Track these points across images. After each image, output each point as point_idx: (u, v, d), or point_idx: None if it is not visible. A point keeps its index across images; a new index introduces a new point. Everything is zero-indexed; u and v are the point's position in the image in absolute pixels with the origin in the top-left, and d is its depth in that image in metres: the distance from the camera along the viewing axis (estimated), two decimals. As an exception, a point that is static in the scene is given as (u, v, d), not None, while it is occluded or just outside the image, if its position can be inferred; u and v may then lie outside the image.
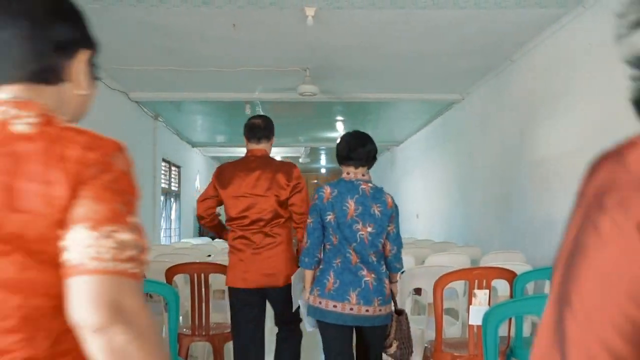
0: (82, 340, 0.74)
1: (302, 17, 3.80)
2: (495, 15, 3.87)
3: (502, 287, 2.86)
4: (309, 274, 2.45)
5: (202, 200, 2.86)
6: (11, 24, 0.81)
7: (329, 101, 6.51)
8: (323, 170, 16.64)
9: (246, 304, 2.71)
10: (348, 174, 2.46)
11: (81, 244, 0.74)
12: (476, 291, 2.61)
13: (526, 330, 2.79)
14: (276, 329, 2.92)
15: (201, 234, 10.29)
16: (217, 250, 5.40)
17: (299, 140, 10.40)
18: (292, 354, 2.83)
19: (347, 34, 4.31)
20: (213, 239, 8.19)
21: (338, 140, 2.56)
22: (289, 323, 2.80)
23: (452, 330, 3.22)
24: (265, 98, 6.35)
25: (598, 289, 0.41)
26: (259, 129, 2.79)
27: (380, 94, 6.40)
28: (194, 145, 10.38)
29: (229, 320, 3.00)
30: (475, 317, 2.18)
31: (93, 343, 0.73)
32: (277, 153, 12.29)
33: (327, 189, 2.41)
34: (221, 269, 3.08)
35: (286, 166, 2.80)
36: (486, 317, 1.67)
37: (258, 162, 2.76)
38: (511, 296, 2.66)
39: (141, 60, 4.94)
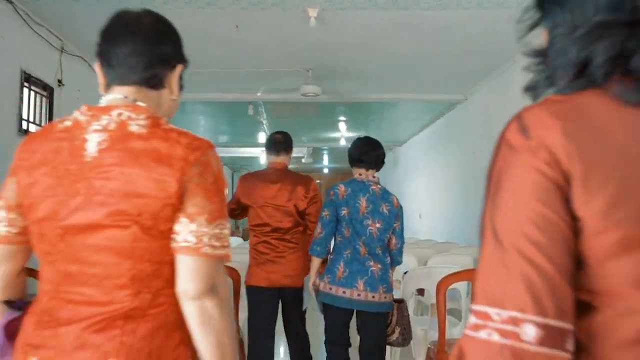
0: (181, 302, 1.01)
1: (305, 18, 3.80)
2: (498, 15, 3.86)
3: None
4: (318, 261, 2.72)
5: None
6: (130, 41, 1.07)
7: (331, 102, 6.51)
8: (325, 171, 16.66)
9: (266, 301, 2.94)
10: (360, 175, 2.73)
11: (200, 232, 0.99)
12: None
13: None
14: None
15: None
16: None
17: (301, 141, 10.41)
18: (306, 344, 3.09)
19: (350, 35, 4.32)
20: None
21: (350, 144, 2.81)
22: (295, 321, 3.03)
23: (455, 330, 3.21)
24: (268, 99, 6.36)
25: (513, 198, 0.60)
26: (280, 142, 3.04)
27: (383, 95, 6.41)
28: (196, 145, 10.41)
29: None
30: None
31: (190, 307, 1.00)
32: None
33: (342, 187, 2.67)
34: (226, 269, 3.08)
35: (305, 179, 3.04)
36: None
37: (279, 174, 2.99)
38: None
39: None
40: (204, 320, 0.99)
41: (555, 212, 0.58)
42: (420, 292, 3.94)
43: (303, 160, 12.31)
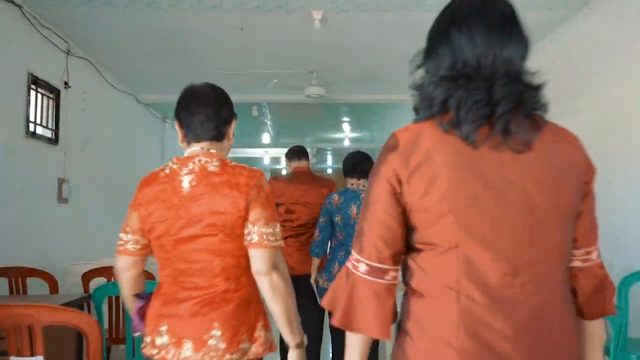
0: (256, 278, 1.53)
1: (309, 20, 3.82)
2: (502, 17, 3.88)
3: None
4: (317, 261, 3.20)
5: None
6: (202, 110, 1.60)
7: (335, 103, 6.53)
8: (330, 171, 16.66)
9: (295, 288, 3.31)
10: (352, 184, 3.14)
11: (260, 232, 1.50)
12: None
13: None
14: None
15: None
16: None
17: (305, 141, 10.42)
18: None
19: (354, 36, 4.33)
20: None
21: (344, 159, 3.25)
22: None
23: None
24: (272, 100, 6.38)
25: (372, 208, 1.00)
26: (301, 150, 3.70)
27: (386, 96, 6.41)
28: (201, 146, 10.44)
29: None
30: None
31: (263, 281, 1.51)
32: (284, 153, 12.33)
33: (335, 197, 3.08)
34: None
35: (327, 182, 3.59)
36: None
37: (306, 177, 3.55)
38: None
39: (150, 63, 4.98)
40: (273, 289, 1.50)
41: (391, 214, 0.99)
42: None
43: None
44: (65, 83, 4.32)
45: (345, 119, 8.41)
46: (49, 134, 4.13)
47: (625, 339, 2.58)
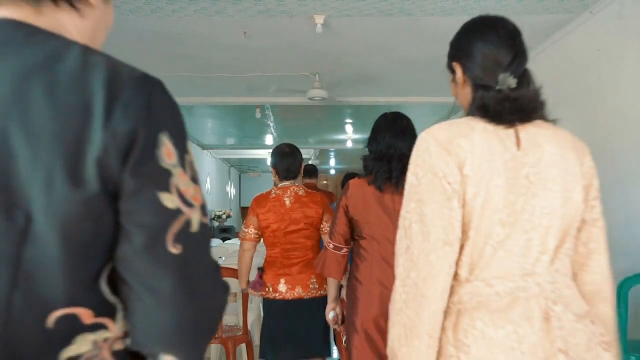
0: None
1: (312, 25, 3.85)
2: (503, 20, 3.90)
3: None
4: None
5: None
6: (292, 159, 3.05)
7: (338, 104, 6.56)
8: (332, 172, 16.70)
9: None
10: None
11: (326, 227, 2.95)
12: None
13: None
14: None
15: (212, 236, 10.38)
16: (229, 252, 5.47)
17: (308, 142, 10.46)
18: None
19: (356, 40, 4.37)
20: (224, 240, 8.27)
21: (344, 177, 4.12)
22: None
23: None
24: (276, 102, 6.42)
25: (336, 218, 2.36)
26: (315, 169, 4.81)
27: (389, 98, 6.44)
28: (204, 147, 10.48)
29: (240, 323, 3.26)
30: None
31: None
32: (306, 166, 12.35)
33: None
34: (233, 273, 3.15)
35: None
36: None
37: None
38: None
39: (154, 66, 5.02)
40: None
41: (344, 222, 2.34)
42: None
43: (310, 162, 12.35)
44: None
45: (348, 120, 8.44)
46: (54, 137, 4.17)
47: (624, 341, 2.61)
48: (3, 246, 0.57)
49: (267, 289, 2.90)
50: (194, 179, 0.67)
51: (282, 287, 2.85)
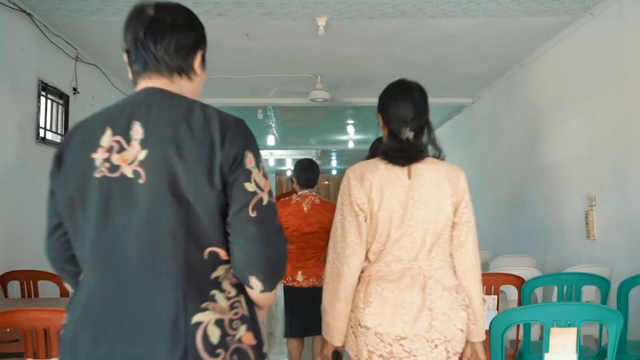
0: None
1: (314, 27, 3.88)
2: (505, 23, 3.92)
3: (511, 291, 2.92)
4: None
5: None
6: (310, 174, 3.62)
7: (339, 105, 6.58)
8: (334, 172, 16.71)
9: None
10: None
11: None
12: (485, 297, 2.67)
13: (534, 335, 2.84)
14: None
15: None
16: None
17: (310, 143, 10.49)
18: None
19: (359, 42, 4.38)
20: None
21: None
22: None
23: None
24: (278, 103, 6.44)
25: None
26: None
27: (390, 98, 6.45)
28: (206, 148, 10.51)
29: None
30: (485, 322, 2.29)
31: None
32: (289, 155, 12.36)
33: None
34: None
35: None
36: (492, 325, 1.74)
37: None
38: (519, 302, 2.72)
39: (156, 68, 5.05)
40: None
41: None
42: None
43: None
44: (74, 89, 4.40)
45: (350, 121, 8.46)
46: (58, 139, 4.21)
47: (624, 342, 2.63)
48: (180, 217, 1.06)
49: (287, 279, 3.53)
50: (265, 175, 1.15)
51: (299, 277, 3.48)
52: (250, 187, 1.09)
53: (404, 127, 1.67)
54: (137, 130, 1.09)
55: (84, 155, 1.10)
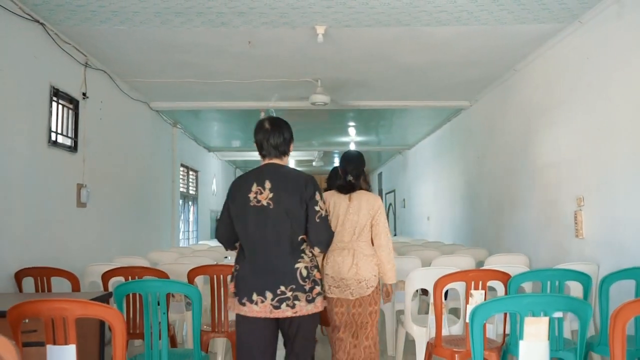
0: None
1: (313, 35, 4.04)
2: (497, 30, 4.07)
3: (500, 287, 3.07)
4: None
5: None
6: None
7: (340, 108, 6.74)
8: (337, 173, 16.85)
9: None
10: None
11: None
12: (473, 291, 2.83)
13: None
14: None
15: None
16: (234, 253, 5.65)
17: (312, 145, 10.64)
18: None
19: (356, 49, 4.54)
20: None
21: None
22: None
23: (454, 328, 3.43)
24: (279, 106, 6.60)
25: None
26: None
27: (390, 102, 6.61)
28: (210, 149, 10.68)
29: None
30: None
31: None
32: (292, 157, 12.53)
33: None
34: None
35: None
36: (473, 315, 1.90)
37: None
38: (505, 296, 2.86)
39: (162, 73, 5.23)
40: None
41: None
42: (425, 292, 4.15)
43: (314, 164, 12.53)
44: (84, 94, 4.58)
45: (351, 123, 8.62)
46: (68, 142, 4.39)
47: (605, 334, 2.78)
48: (288, 222, 2.36)
49: None
50: (324, 202, 2.48)
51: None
52: (317, 208, 2.41)
53: (348, 174, 3.02)
54: (267, 184, 2.39)
55: (244, 195, 2.40)
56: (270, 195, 2.36)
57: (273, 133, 2.49)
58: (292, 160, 13.82)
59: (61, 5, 3.58)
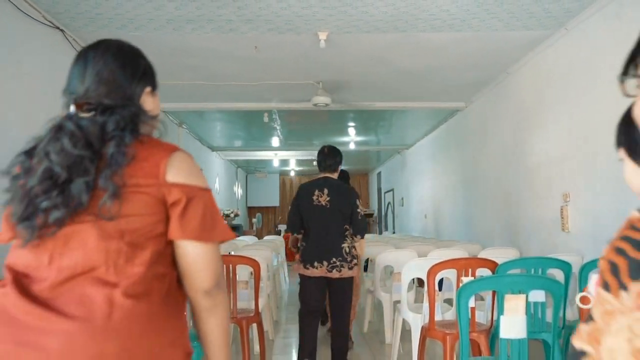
0: None
1: (316, 40, 4.30)
2: (489, 36, 4.33)
3: (489, 275, 3.32)
4: None
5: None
6: (328, 157, 4.02)
7: (341, 110, 6.99)
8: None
9: None
10: None
11: None
12: (463, 278, 3.09)
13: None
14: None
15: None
16: (238, 247, 5.91)
17: (313, 144, 10.88)
18: None
19: (356, 53, 4.80)
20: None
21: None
22: None
23: (448, 314, 3.68)
24: (282, 108, 6.86)
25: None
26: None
27: (389, 103, 6.86)
28: (213, 149, 10.92)
29: (252, 307, 3.75)
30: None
31: None
32: (293, 156, 12.78)
33: None
34: (247, 260, 3.60)
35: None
36: (458, 293, 2.15)
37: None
38: (493, 282, 3.13)
39: (171, 76, 5.48)
40: None
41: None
42: (421, 284, 4.41)
43: (314, 163, 12.71)
44: (98, 95, 4.83)
45: (351, 124, 8.87)
46: (84, 141, 4.64)
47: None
48: (339, 217, 3.65)
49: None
50: (361, 205, 3.72)
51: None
52: (358, 210, 3.64)
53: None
54: (325, 190, 3.63)
55: (309, 197, 3.65)
56: (328, 198, 3.63)
57: (329, 156, 3.73)
58: (293, 160, 14.05)
59: (81, 13, 3.84)
